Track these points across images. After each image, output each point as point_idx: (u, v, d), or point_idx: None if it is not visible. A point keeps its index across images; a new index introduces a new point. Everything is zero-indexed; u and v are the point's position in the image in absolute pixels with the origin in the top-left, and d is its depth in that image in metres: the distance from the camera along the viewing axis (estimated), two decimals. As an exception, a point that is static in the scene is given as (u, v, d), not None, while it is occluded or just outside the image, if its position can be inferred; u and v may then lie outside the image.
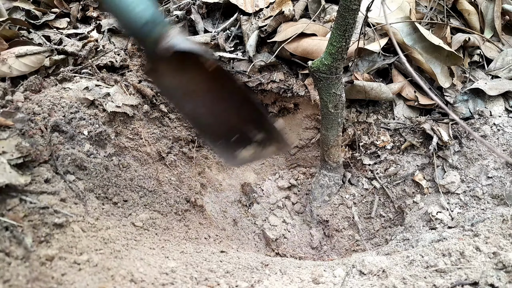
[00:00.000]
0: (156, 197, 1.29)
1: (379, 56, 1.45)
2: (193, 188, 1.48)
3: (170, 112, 1.44)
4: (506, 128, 1.28)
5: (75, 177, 1.08)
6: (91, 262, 0.83)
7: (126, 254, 0.92)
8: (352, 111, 1.51)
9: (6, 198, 0.86)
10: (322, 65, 1.13)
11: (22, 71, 1.25)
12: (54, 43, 1.43)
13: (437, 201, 1.27)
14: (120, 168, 1.26)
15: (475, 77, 1.47)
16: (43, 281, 0.75)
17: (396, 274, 0.90)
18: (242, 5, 1.55)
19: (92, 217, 1.00)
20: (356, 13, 0.99)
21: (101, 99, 1.25)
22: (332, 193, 1.48)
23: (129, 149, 1.34)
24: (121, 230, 1.05)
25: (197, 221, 1.37)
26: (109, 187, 1.17)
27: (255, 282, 0.92)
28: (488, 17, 1.53)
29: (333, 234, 1.46)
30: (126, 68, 1.41)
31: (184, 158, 1.51)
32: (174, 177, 1.44)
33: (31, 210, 0.87)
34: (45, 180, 0.98)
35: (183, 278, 0.89)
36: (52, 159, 1.05)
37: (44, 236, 0.84)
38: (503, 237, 0.95)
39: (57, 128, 1.13)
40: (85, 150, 1.17)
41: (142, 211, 1.20)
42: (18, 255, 0.78)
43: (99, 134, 1.23)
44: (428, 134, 1.35)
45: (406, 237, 1.20)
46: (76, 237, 0.88)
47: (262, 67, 1.50)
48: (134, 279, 0.82)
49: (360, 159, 1.48)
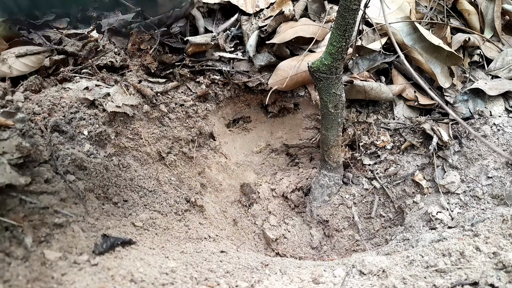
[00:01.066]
0: (156, 197, 1.29)
1: (379, 55, 1.45)
2: (193, 188, 1.48)
3: (170, 112, 1.44)
4: (506, 128, 1.28)
5: (75, 177, 1.08)
6: (91, 262, 0.83)
7: (126, 254, 0.92)
8: (352, 111, 1.51)
9: (6, 198, 0.86)
10: (322, 65, 1.13)
11: (22, 71, 1.25)
12: (54, 43, 1.43)
13: (437, 201, 1.27)
14: (120, 168, 1.26)
15: (475, 77, 1.47)
16: (43, 281, 0.75)
17: (396, 274, 0.90)
18: (242, 5, 1.55)
19: (92, 217, 1.00)
20: (356, 13, 0.99)
21: (101, 99, 1.25)
22: (332, 193, 1.48)
23: (129, 149, 1.34)
24: (121, 230, 1.05)
25: (197, 221, 1.37)
26: (109, 187, 1.17)
27: (255, 282, 0.92)
28: (488, 17, 1.53)
29: (333, 234, 1.46)
30: (126, 68, 1.41)
31: (184, 158, 1.51)
32: (174, 177, 1.44)
33: (31, 210, 0.87)
34: (45, 180, 0.98)
35: (183, 278, 0.89)
36: (52, 159, 1.05)
37: (44, 236, 0.84)
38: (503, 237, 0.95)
39: (57, 128, 1.13)
40: (85, 150, 1.17)
41: (142, 211, 1.20)
42: (18, 255, 0.78)
43: (99, 134, 1.24)
44: (428, 134, 1.35)
45: (406, 237, 1.20)
46: (76, 237, 0.89)
47: (262, 67, 1.50)
48: (134, 279, 0.82)
49: (360, 159, 1.48)
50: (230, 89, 1.54)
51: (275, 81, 1.44)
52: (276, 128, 1.69)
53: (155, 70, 1.41)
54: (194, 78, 1.48)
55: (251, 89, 1.53)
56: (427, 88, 0.88)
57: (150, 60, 1.40)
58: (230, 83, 1.52)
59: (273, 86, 1.44)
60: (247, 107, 1.65)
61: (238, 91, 1.55)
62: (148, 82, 1.40)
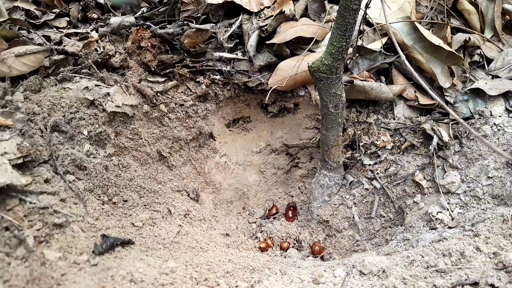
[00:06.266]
0: (156, 197, 1.29)
1: (380, 55, 1.45)
2: (193, 188, 1.48)
3: (170, 112, 1.43)
4: (507, 128, 1.28)
5: (75, 177, 1.08)
6: (91, 262, 0.83)
7: (126, 254, 0.92)
8: (352, 111, 1.51)
9: (6, 198, 0.86)
10: (322, 65, 1.13)
11: (22, 71, 1.25)
12: (54, 43, 1.43)
13: (437, 201, 1.27)
14: (120, 168, 1.26)
15: (475, 77, 1.47)
16: (43, 281, 0.75)
17: (396, 274, 0.90)
18: (246, 4, 1.55)
19: (92, 217, 1.00)
20: (357, 13, 0.99)
21: (101, 99, 1.25)
22: (332, 193, 1.48)
23: (129, 149, 1.34)
24: (121, 230, 1.04)
25: (197, 221, 1.37)
26: (109, 187, 1.17)
27: (255, 282, 0.92)
28: (488, 17, 1.53)
29: (333, 234, 1.46)
30: (126, 68, 1.41)
31: (184, 158, 1.51)
32: (174, 177, 1.44)
33: (31, 210, 0.87)
34: (45, 180, 0.98)
35: (183, 278, 0.89)
36: (52, 159, 1.05)
37: (44, 236, 0.84)
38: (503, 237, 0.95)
39: (57, 128, 1.13)
40: (85, 150, 1.17)
41: (142, 211, 1.19)
42: (18, 255, 0.78)
43: (99, 134, 1.23)
44: (428, 134, 1.35)
45: (406, 237, 1.20)
46: (76, 237, 0.88)
47: (262, 67, 1.50)
48: (134, 279, 0.82)
49: (360, 159, 1.48)
50: (230, 89, 1.53)
51: (275, 81, 1.44)
52: (276, 128, 1.69)
53: (155, 68, 1.41)
54: (194, 78, 1.48)
55: (251, 89, 1.53)
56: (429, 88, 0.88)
57: (150, 58, 1.40)
58: (230, 83, 1.51)
59: (273, 85, 1.44)
60: (247, 107, 1.65)
61: (238, 91, 1.55)
62: (148, 82, 1.40)
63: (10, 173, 0.89)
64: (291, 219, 1.57)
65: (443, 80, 1.41)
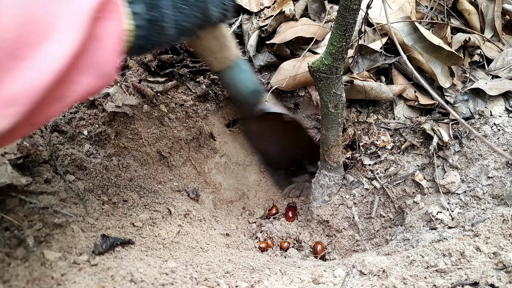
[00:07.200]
0: (156, 197, 1.29)
1: (380, 56, 1.45)
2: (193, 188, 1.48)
3: (170, 112, 1.43)
4: (507, 128, 1.28)
5: (75, 177, 1.09)
6: (91, 262, 0.83)
7: (126, 254, 0.92)
8: (352, 111, 1.51)
9: (6, 199, 0.86)
10: (322, 65, 1.13)
11: (22, 71, 1.25)
12: (54, 43, 1.43)
13: (437, 201, 1.27)
14: (120, 168, 1.26)
15: (475, 77, 1.47)
16: (43, 281, 0.75)
17: (396, 274, 0.90)
18: (246, 4, 1.55)
19: (92, 217, 1.00)
20: (357, 12, 0.99)
21: (101, 99, 1.25)
22: (332, 193, 1.48)
23: (129, 149, 1.34)
24: (121, 230, 1.04)
25: (197, 220, 1.37)
26: (109, 187, 1.17)
27: (255, 282, 0.92)
28: (488, 17, 1.53)
29: (333, 234, 1.46)
30: (126, 68, 1.41)
31: (184, 158, 1.51)
32: (174, 177, 1.44)
33: (31, 210, 0.87)
34: (45, 180, 0.98)
35: (183, 278, 0.89)
36: (52, 159, 1.05)
37: (44, 236, 0.84)
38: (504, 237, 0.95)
39: (56, 128, 1.13)
40: (85, 150, 1.17)
41: (142, 211, 1.19)
42: (18, 255, 0.78)
43: (99, 134, 1.24)
44: (428, 134, 1.35)
45: (406, 237, 1.20)
46: (76, 237, 0.89)
47: (262, 67, 1.50)
48: (134, 279, 0.82)
49: (360, 159, 1.48)
50: (230, 89, 1.53)
51: (278, 80, 1.45)
52: (276, 128, 1.69)
53: (155, 68, 1.41)
54: (194, 78, 1.48)
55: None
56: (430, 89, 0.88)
57: (150, 58, 1.40)
58: (230, 83, 1.51)
59: (275, 85, 1.44)
60: (247, 107, 1.65)
61: (238, 91, 1.55)
62: (148, 82, 1.40)
63: (10, 173, 0.89)
64: (291, 219, 1.56)
65: (443, 80, 1.41)
